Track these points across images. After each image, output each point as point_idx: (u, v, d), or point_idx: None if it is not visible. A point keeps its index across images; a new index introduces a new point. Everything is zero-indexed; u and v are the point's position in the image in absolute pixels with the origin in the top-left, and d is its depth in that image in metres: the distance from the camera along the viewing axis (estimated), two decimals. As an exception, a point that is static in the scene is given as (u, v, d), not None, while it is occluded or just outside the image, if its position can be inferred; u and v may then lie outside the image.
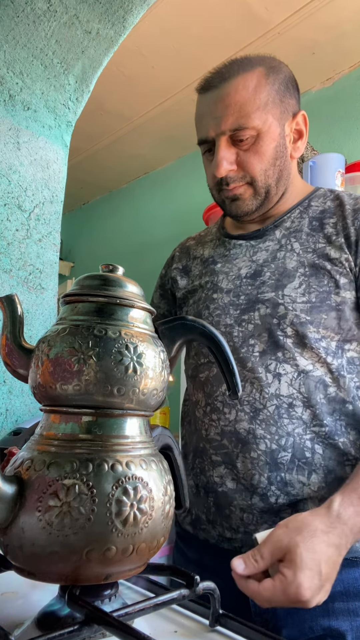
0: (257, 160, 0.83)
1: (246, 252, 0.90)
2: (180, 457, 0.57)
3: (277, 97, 0.84)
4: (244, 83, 0.82)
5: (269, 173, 0.85)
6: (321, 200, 0.89)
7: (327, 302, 0.79)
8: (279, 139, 0.85)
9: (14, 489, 0.44)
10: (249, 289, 0.85)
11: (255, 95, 0.81)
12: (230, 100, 0.81)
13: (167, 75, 2.49)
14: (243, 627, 0.50)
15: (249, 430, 0.78)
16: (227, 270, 0.90)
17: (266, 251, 0.87)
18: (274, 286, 0.82)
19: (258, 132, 0.82)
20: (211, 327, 0.54)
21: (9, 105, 1.29)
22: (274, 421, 0.77)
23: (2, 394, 1.22)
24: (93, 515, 0.42)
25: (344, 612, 0.73)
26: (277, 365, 0.79)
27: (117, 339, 0.47)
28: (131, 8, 1.28)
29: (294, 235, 0.86)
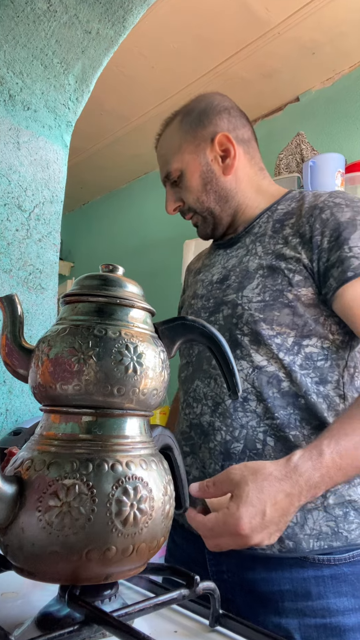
0: (188, 193, 0.96)
1: (221, 260, 0.98)
2: (180, 457, 0.57)
3: (188, 136, 0.96)
4: (164, 138, 0.99)
5: (203, 199, 0.95)
6: (287, 203, 0.93)
7: (280, 300, 0.83)
8: (202, 167, 0.95)
9: (14, 489, 0.44)
10: (217, 293, 0.92)
11: (171, 144, 0.97)
12: (159, 154, 1.00)
13: (167, 75, 2.49)
14: (243, 627, 0.50)
15: (209, 423, 0.84)
16: (204, 277, 0.99)
17: (236, 257, 0.94)
18: (236, 288, 0.88)
19: (181, 171, 0.95)
20: (211, 328, 0.54)
21: (9, 105, 1.29)
22: (229, 414, 0.82)
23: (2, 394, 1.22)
24: (93, 515, 0.42)
25: (292, 611, 0.76)
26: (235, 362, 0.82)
27: (117, 339, 0.47)
28: (131, 8, 1.28)
29: (259, 240, 0.91)
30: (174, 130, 0.97)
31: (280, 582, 0.77)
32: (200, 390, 0.87)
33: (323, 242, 0.82)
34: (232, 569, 0.81)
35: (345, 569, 0.76)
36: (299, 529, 0.76)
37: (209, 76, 2.48)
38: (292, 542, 0.76)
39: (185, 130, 0.96)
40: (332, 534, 0.77)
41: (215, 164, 0.95)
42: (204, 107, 0.98)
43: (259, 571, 0.78)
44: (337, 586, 0.76)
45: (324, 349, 0.83)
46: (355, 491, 0.79)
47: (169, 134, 0.98)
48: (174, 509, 0.50)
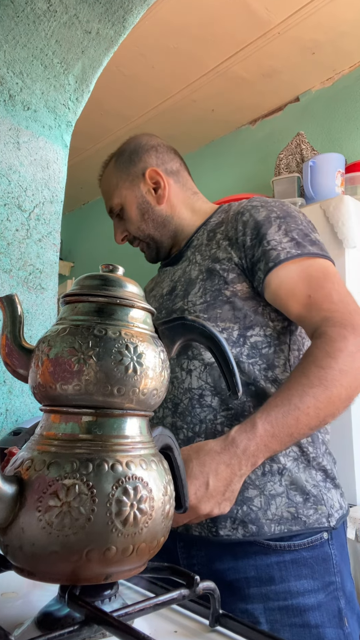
0: (129, 224, 1.07)
1: (169, 275, 1.06)
2: (180, 457, 0.57)
3: (122, 174, 1.07)
4: (104, 178, 1.12)
5: (142, 227, 1.07)
6: (218, 215, 1.03)
7: (220, 298, 0.90)
8: (138, 199, 1.06)
9: (14, 489, 0.44)
10: (167, 303, 0.99)
11: (109, 182, 1.09)
12: (102, 193, 1.13)
13: (167, 75, 2.49)
14: (243, 627, 0.50)
15: (172, 424, 0.89)
16: (155, 292, 1.07)
17: (181, 269, 1.02)
18: (182, 296, 0.96)
19: (121, 205, 1.07)
20: (211, 328, 0.54)
21: (9, 105, 1.29)
22: (188, 412, 0.87)
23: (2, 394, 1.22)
24: (93, 515, 0.42)
25: (257, 596, 0.81)
26: (188, 363, 0.90)
27: (117, 339, 0.47)
28: (131, 8, 1.28)
29: (198, 249, 1.00)
30: (111, 171, 1.10)
31: (246, 570, 0.82)
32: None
33: (246, 240, 0.91)
34: (202, 561, 0.85)
35: (304, 554, 0.82)
36: (262, 513, 0.81)
37: (209, 76, 2.48)
38: (255, 527, 0.81)
39: (120, 169, 1.08)
40: (292, 519, 0.82)
41: (149, 195, 1.06)
42: (133, 147, 1.10)
43: (227, 561, 0.83)
44: (297, 570, 0.82)
45: (266, 336, 0.90)
46: (313, 477, 0.85)
47: (107, 175, 1.11)
48: (174, 509, 0.50)
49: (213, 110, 2.78)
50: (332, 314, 0.81)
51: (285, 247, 0.87)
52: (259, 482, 0.83)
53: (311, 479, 0.85)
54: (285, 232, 0.89)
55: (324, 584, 0.82)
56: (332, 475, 0.89)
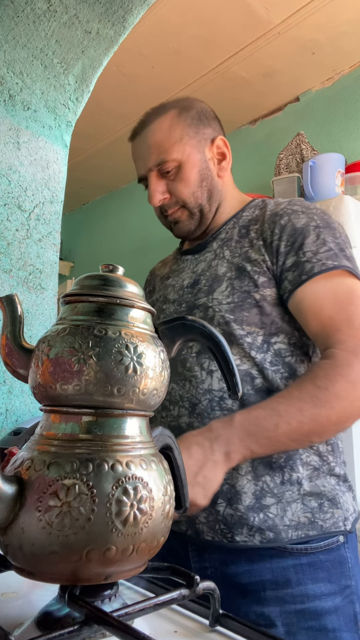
0: (183, 185, 0.96)
1: (190, 265, 1.01)
2: (180, 457, 0.57)
3: (190, 130, 0.97)
4: (159, 125, 0.96)
5: (198, 194, 0.96)
6: (251, 210, 0.99)
7: (248, 300, 0.87)
8: (201, 164, 0.97)
9: (14, 489, 0.44)
10: (188, 297, 0.95)
11: (170, 133, 0.96)
12: (151, 141, 0.96)
13: (167, 75, 2.49)
14: (243, 627, 0.50)
15: (188, 424, 0.86)
16: (175, 283, 1.01)
17: (204, 262, 0.98)
18: (207, 292, 0.92)
19: (179, 162, 0.95)
20: (211, 327, 0.54)
21: (9, 105, 1.29)
22: (207, 414, 0.85)
23: (2, 394, 1.22)
24: (93, 515, 0.42)
25: (273, 599, 0.80)
26: (209, 363, 0.87)
27: (117, 339, 0.47)
28: (131, 8, 1.28)
29: (226, 244, 0.96)
30: (172, 121, 0.97)
31: (261, 573, 0.81)
32: (176, 393, 0.89)
33: (281, 246, 0.88)
34: (215, 565, 0.84)
35: (321, 557, 0.82)
36: (279, 520, 0.81)
37: (209, 76, 2.48)
38: (273, 533, 0.80)
39: (187, 123, 0.97)
40: (309, 523, 0.81)
41: (212, 163, 0.98)
42: (201, 108, 1.01)
43: (242, 564, 0.82)
44: (314, 573, 0.81)
45: (290, 345, 0.88)
46: (328, 482, 0.85)
47: (165, 124, 0.97)
48: (174, 509, 0.50)
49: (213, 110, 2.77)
50: (347, 338, 0.79)
51: (320, 258, 0.84)
52: (277, 490, 0.82)
53: (327, 484, 0.85)
54: (322, 244, 0.86)
55: (340, 587, 0.82)
56: (346, 478, 0.89)
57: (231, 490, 0.82)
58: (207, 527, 0.83)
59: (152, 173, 0.97)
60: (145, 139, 0.97)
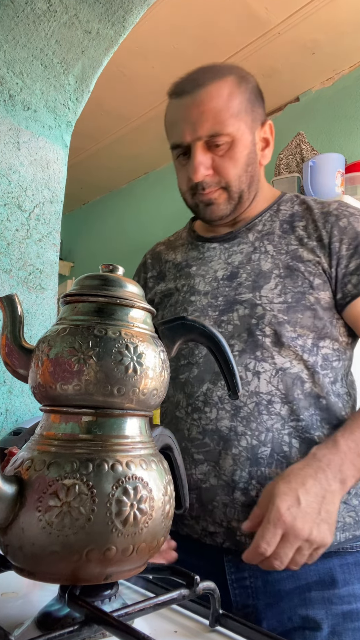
0: (232, 165, 0.86)
1: (221, 255, 0.93)
2: (180, 457, 0.57)
3: (248, 105, 0.88)
4: (217, 90, 0.84)
5: (243, 179, 0.88)
6: (289, 205, 0.94)
7: (303, 302, 0.83)
8: (251, 146, 0.88)
9: (14, 489, 0.44)
10: (226, 291, 0.87)
11: (229, 103, 0.84)
12: (206, 106, 0.84)
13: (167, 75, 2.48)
14: (243, 627, 0.50)
15: (230, 428, 0.80)
16: (204, 272, 0.92)
17: (241, 253, 0.90)
18: (251, 287, 0.85)
19: (232, 138, 0.85)
20: (211, 327, 0.54)
21: (9, 105, 1.29)
22: (254, 418, 0.80)
23: (2, 394, 1.22)
24: (93, 515, 0.42)
25: (319, 601, 0.77)
26: (256, 364, 0.82)
27: (117, 339, 0.47)
28: (131, 8, 1.28)
29: (267, 238, 0.90)
30: (232, 90, 0.85)
31: (307, 575, 0.78)
32: (213, 394, 0.83)
33: (342, 248, 0.84)
34: (256, 574, 0.80)
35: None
36: None
37: (209, 76, 2.48)
38: None
39: (246, 98, 0.87)
40: (354, 523, 0.79)
41: (258, 149, 0.91)
42: (256, 85, 0.91)
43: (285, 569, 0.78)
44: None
45: (334, 350, 0.85)
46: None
47: (224, 91, 0.85)
48: (174, 509, 0.50)
49: (213, 110, 2.78)
50: None
51: None
52: None
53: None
54: None
55: None
56: None
57: None
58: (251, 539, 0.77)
59: (199, 143, 0.85)
60: (198, 101, 0.84)
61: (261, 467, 0.78)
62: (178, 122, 0.88)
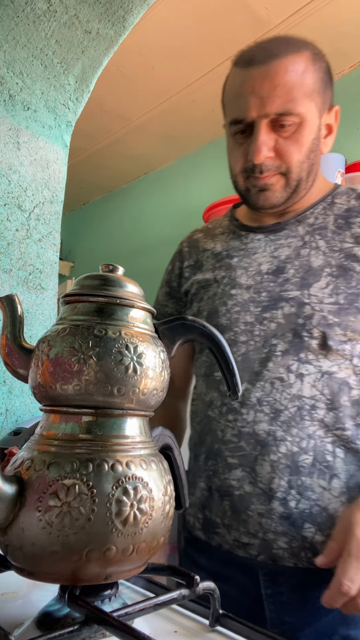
0: (296, 150, 0.79)
1: (266, 247, 0.85)
2: (180, 457, 0.57)
3: (321, 85, 0.80)
4: (293, 65, 0.76)
5: (304, 165, 0.80)
6: (345, 198, 0.87)
7: (356, 305, 0.76)
8: (317, 131, 0.81)
9: (14, 489, 0.44)
10: (271, 286, 0.81)
11: (303, 80, 0.76)
12: (280, 80, 0.75)
13: (167, 75, 2.49)
14: (243, 627, 0.50)
15: (268, 432, 0.75)
16: (246, 265, 0.85)
17: (288, 247, 0.83)
18: (299, 284, 0.79)
19: (302, 120, 0.77)
20: (211, 327, 0.54)
21: (9, 105, 1.29)
22: (295, 423, 0.74)
23: (2, 394, 1.22)
24: (93, 515, 0.42)
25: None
26: (299, 366, 0.76)
27: (117, 339, 0.47)
28: (131, 8, 1.28)
29: (319, 233, 0.83)
30: (307, 66, 0.78)
31: None
32: (251, 395, 0.78)
33: None
34: (295, 588, 0.75)
35: None
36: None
37: (209, 76, 2.48)
38: None
39: (320, 77, 0.80)
40: None
41: (321, 135, 0.84)
42: (329, 65, 0.84)
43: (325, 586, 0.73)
44: None
45: None
46: None
47: (299, 66, 0.77)
48: (174, 509, 0.50)
49: (213, 110, 2.78)
50: None
51: None
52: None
53: None
54: None
55: None
56: None
57: (322, 514, 0.73)
58: (289, 553, 0.74)
59: (265, 121, 0.77)
60: (271, 74, 0.76)
61: (302, 476, 0.73)
62: (244, 95, 0.78)
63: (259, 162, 0.78)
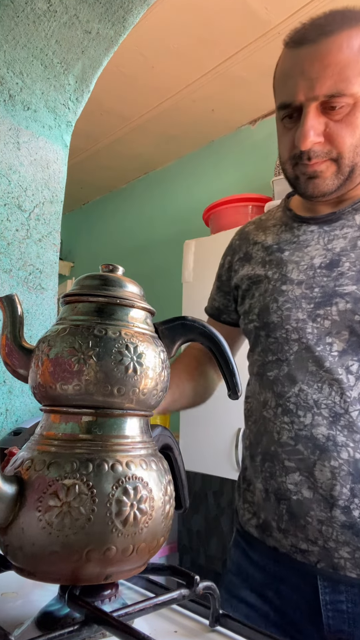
0: (348, 133, 0.73)
1: (319, 239, 0.81)
2: (180, 457, 0.57)
3: None
4: (348, 41, 0.71)
5: (358, 150, 0.75)
6: None
7: None
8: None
9: (14, 489, 0.44)
10: (324, 281, 0.76)
11: (359, 57, 0.71)
12: (332, 59, 0.71)
13: (167, 75, 2.49)
14: (243, 627, 0.50)
15: (328, 437, 0.71)
16: (298, 259, 0.81)
17: (344, 238, 0.78)
18: (355, 278, 0.74)
19: (356, 101, 0.72)
20: (211, 327, 0.54)
21: (9, 105, 1.29)
22: (357, 428, 0.70)
23: (2, 394, 1.22)
24: (93, 515, 0.42)
25: None
26: (359, 367, 0.72)
27: (117, 339, 0.47)
28: (131, 8, 1.28)
29: None
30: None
31: None
32: (308, 397, 0.74)
33: None
34: (355, 599, 0.71)
35: None
36: None
37: (208, 76, 2.48)
38: None
39: None
40: None
41: None
42: None
43: None
44: None
45: None
46: None
47: (356, 39, 0.71)
48: (174, 509, 0.50)
49: (213, 110, 2.78)
50: None
51: None
52: None
53: None
54: None
55: None
56: None
57: None
58: (352, 564, 0.70)
59: (314, 104, 0.72)
60: (323, 52, 0.71)
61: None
62: (292, 77, 0.74)
63: (305, 149, 0.74)
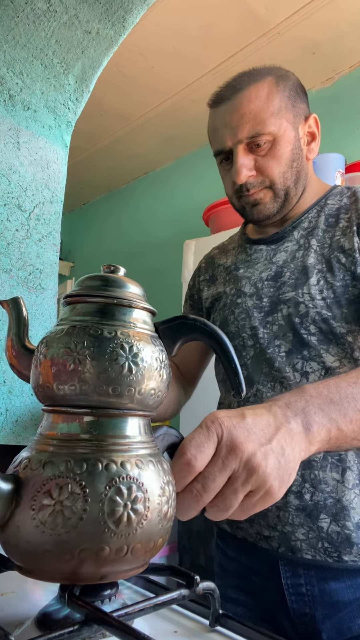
0: (275, 164, 0.86)
1: (267, 256, 0.92)
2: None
3: (288, 102, 0.87)
4: (256, 92, 0.85)
5: (287, 175, 0.87)
6: (337, 198, 0.91)
7: (346, 296, 0.80)
8: (295, 142, 0.88)
9: (10, 487, 0.44)
10: (271, 291, 0.87)
11: (268, 103, 0.85)
12: (245, 109, 0.84)
13: (167, 75, 2.49)
14: (243, 627, 0.50)
15: None
16: (249, 274, 0.92)
17: (285, 252, 0.89)
18: (294, 285, 0.83)
19: (274, 137, 0.85)
20: (212, 326, 0.54)
21: (9, 105, 1.29)
22: None
23: (2, 394, 1.22)
24: (85, 515, 0.42)
25: None
26: (303, 364, 0.80)
27: (113, 338, 0.47)
28: (131, 8, 1.28)
29: (311, 234, 0.88)
30: (270, 90, 0.85)
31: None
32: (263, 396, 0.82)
33: None
34: (312, 581, 0.78)
35: None
36: None
37: (208, 76, 2.48)
38: None
39: (286, 95, 0.87)
40: None
41: (302, 143, 0.90)
42: (297, 80, 0.91)
43: (344, 579, 0.76)
44: None
45: None
46: None
47: (262, 92, 0.85)
48: (173, 510, 0.50)
49: (213, 110, 2.78)
50: None
51: None
52: None
53: None
54: None
55: None
56: None
57: (337, 505, 0.75)
58: (307, 545, 0.76)
59: (240, 146, 0.85)
60: (237, 106, 0.85)
61: (314, 470, 0.76)
62: (219, 129, 0.88)
63: (241, 183, 0.86)
